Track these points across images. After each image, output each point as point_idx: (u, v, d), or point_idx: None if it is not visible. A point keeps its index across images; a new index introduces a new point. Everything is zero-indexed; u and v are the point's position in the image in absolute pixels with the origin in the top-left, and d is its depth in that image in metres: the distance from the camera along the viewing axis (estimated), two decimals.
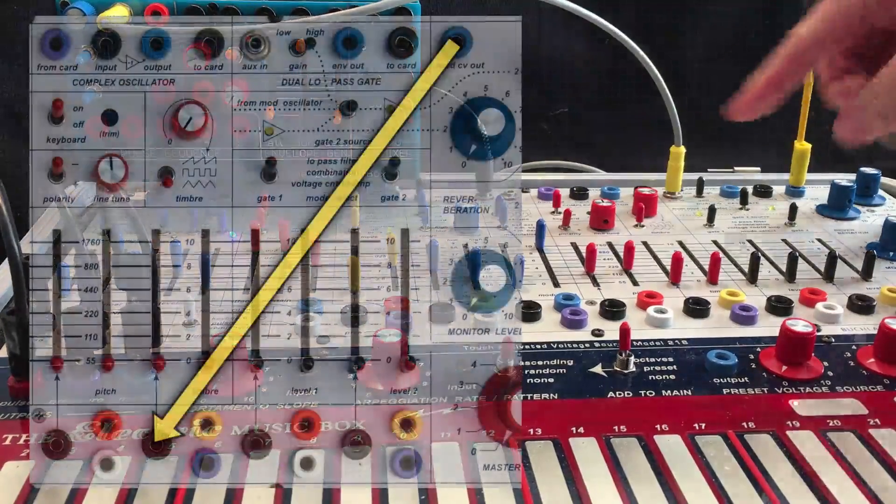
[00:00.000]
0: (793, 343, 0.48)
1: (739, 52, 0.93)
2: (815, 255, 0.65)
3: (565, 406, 0.45)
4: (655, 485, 0.39)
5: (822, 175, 0.79)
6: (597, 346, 0.51)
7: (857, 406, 0.45)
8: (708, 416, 0.44)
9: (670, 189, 0.76)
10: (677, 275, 0.60)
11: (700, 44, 0.91)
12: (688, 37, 0.92)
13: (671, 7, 0.91)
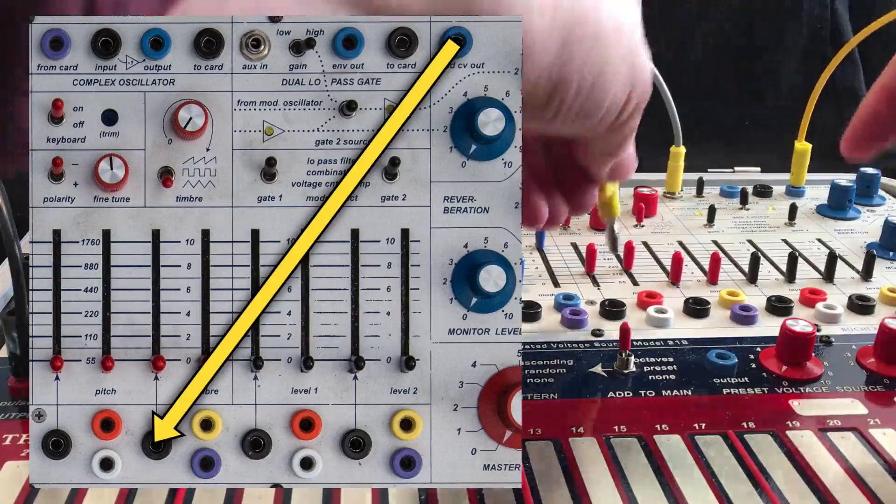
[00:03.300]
0: (793, 343, 0.48)
1: (740, 52, 0.94)
2: (815, 255, 0.65)
3: (565, 406, 0.45)
4: (655, 485, 0.39)
5: (822, 175, 0.79)
6: (597, 346, 0.51)
7: (857, 406, 0.45)
8: (708, 416, 0.44)
9: (670, 189, 0.76)
10: (677, 275, 0.60)
11: (700, 44, 0.91)
12: (688, 37, 0.92)
13: (671, 7, 0.91)
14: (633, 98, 0.36)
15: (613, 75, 0.34)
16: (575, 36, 0.32)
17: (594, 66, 0.33)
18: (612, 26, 0.34)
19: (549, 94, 0.33)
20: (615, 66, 0.34)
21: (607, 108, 0.35)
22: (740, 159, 0.83)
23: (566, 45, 0.32)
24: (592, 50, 0.33)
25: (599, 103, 0.35)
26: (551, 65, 0.32)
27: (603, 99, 0.35)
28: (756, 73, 0.95)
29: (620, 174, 0.44)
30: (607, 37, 0.33)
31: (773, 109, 0.95)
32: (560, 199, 0.46)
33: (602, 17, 0.33)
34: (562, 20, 0.32)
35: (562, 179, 0.45)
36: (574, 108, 0.34)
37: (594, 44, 0.33)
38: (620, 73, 0.35)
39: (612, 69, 0.34)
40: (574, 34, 0.32)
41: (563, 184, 0.45)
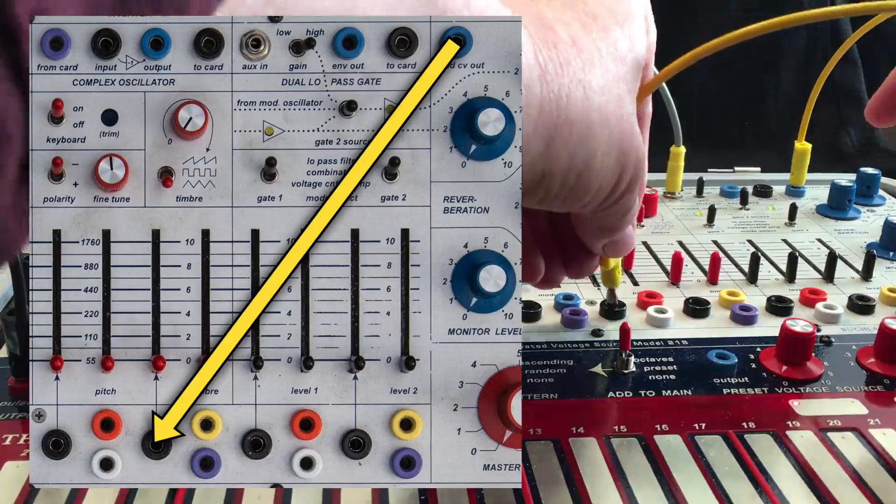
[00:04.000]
0: (793, 343, 0.48)
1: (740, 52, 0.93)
2: (815, 255, 0.65)
3: (565, 406, 0.45)
4: (655, 485, 0.39)
5: (822, 175, 0.79)
6: (597, 346, 0.51)
7: (857, 406, 0.45)
8: (708, 416, 0.44)
9: (670, 189, 0.76)
10: (677, 275, 0.60)
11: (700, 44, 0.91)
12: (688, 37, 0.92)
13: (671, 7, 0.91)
14: (623, 179, 0.36)
15: (600, 165, 0.35)
16: (560, 135, 0.33)
17: (580, 161, 0.34)
18: (598, 119, 0.34)
19: (534, 184, 0.34)
20: (602, 156, 0.34)
21: (595, 191, 0.36)
22: (740, 159, 0.83)
23: (551, 144, 0.33)
24: (578, 147, 0.33)
25: (586, 190, 0.35)
26: (534, 162, 0.33)
27: (589, 186, 0.35)
28: (756, 73, 0.95)
29: (618, 252, 0.44)
30: (594, 132, 0.34)
31: (773, 109, 0.95)
32: (559, 262, 0.46)
33: (590, 113, 0.33)
34: (546, 122, 0.32)
35: (563, 246, 0.45)
36: (560, 196, 0.35)
37: (580, 141, 0.33)
38: (609, 161, 0.35)
39: (599, 160, 0.34)
40: (560, 134, 0.33)
41: (565, 250, 0.46)
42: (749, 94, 0.96)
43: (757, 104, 0.96)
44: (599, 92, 0.34)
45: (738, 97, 0.96)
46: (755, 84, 0.95)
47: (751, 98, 0.96)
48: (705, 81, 0.92)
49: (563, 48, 0.33)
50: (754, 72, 0.95)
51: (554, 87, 0.32)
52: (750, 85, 0.95)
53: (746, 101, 0.96)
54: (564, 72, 0.33)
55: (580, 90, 0.33)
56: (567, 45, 0.33)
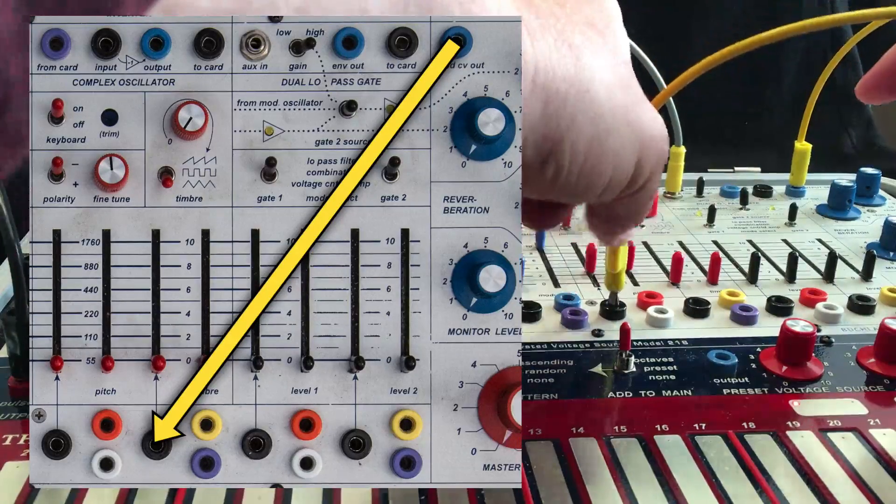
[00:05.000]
0: (793, 343, 0.48)
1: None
2: (815, 255, 0.65)
3: (565, 406, 0.45)
4: (655, 485, 0.39)
5: (822, 175, 0.79)
6: (597, 346, 0.51)
7: (857, 406, 0.45)
8: (708, 416, 0.44)
9: (670, 189, 0.76)
10: (677, 275, 0.60)
11: (700, 44, 0.91)
12: (688, 37, 0.92)
13: (671, 7, 0.91)
14: (645, 166, 0.36)
15: (607, 134, 0.33)
16: (558, 94, 0.32)
17: (584, 125, 0.33)
18: (599, 81, 0.33)
19: (544, 154, 0.33)
20: (608, 124, 0.33)
21: (613, 169, 0.34)
22: (740, 159, 0.83)
23: (549, 103, 0.32)
24: (578, 105, 0.32)
25: (600, 163, 0.34)
26: (535, 125, 0.32)
27: (603, 158, 0.34)
28: (756, 73, 0.94)
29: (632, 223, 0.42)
30: (594, 94, 0.33)
31: (773, 109, 0.95)
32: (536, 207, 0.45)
33: (583, 72, 0.33)
34: (542, 82, 0.31)
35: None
36: (575, 171, 0.33)
37: (578, 97, 0.32)
38: (621, 131, 0.34)
39: (605, 127, 0.33)
40: (558, 93, 0.32)
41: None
42: (749, 94, 0.96)
43: (757, 104, 0.96)
44: (591, 55, 0.33)
45: (739, 97, 0.96)
46: (755, 84, 0.95)
47: (751, 98, 0.96)
48: (705, 81, 0.92)
49: (545, 9, 0.32)
50: (755, 72, 0.95)
51: (542, 47, 0.32)
52: (750, 85, 0.95)
53: (746, 101, 0.96)
54: (549, 29, 0.32)
55: (566, 49, 0.32)
56: (550, 8, 0.33)
